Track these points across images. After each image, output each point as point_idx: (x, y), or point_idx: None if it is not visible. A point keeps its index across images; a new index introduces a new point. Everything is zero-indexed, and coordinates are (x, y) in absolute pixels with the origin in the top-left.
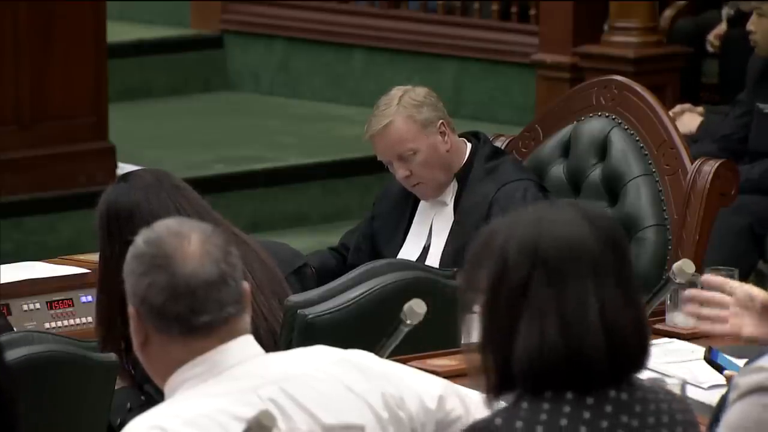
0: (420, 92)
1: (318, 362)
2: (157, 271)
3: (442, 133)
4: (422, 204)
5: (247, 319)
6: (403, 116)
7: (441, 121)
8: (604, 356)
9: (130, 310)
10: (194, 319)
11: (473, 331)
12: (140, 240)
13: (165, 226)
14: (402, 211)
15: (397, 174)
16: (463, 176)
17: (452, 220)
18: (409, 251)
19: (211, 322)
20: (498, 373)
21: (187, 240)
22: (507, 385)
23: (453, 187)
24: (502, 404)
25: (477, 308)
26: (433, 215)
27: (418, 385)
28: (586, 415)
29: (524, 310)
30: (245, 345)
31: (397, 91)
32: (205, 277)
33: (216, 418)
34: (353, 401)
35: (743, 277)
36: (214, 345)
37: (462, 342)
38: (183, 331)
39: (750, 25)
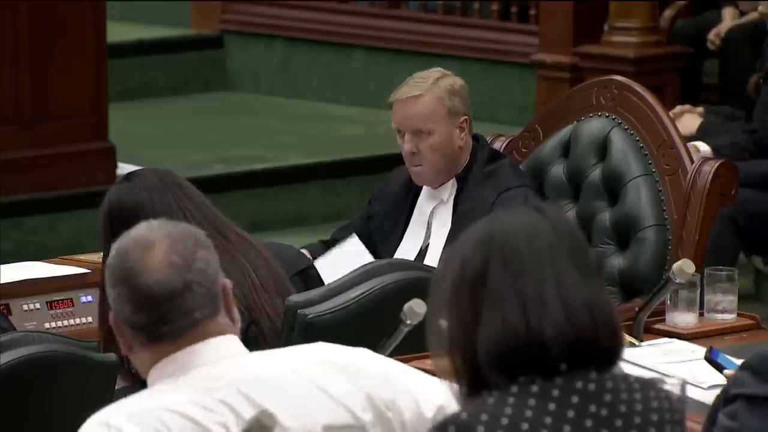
0: (458, 82)
1: (296, 363)
2: (122, 283)
3: (461, 129)
4: (420, 202)
5: (224, 319)
6: (435, 95)
7: (465, 117)
8: (565, 333)
9: (110, 316)
10: (159, 329)
11: (439, 340)
12: (113, 249)
13: (135, 233)
14: (400, 210)
15: (404, 147)
16: (462, 177)
17: (451, 222)
18: (407, 250)
19: (176, 330)
20: (469, 372)
21: (151, 250)
22: (480, 383)
23: (452, 186)
24: None
25: (443, 319)
26: (431, 214)
27: (419, 391)
28: (552, 406)
29: (485, 300)
30: (219, 346)
31: (436, 72)
32: (167, 287)
33: (158, 416)
34: (324, 403)
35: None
36: (183, 347)
37: (430, 351)
38: (150, 338)
39: None
